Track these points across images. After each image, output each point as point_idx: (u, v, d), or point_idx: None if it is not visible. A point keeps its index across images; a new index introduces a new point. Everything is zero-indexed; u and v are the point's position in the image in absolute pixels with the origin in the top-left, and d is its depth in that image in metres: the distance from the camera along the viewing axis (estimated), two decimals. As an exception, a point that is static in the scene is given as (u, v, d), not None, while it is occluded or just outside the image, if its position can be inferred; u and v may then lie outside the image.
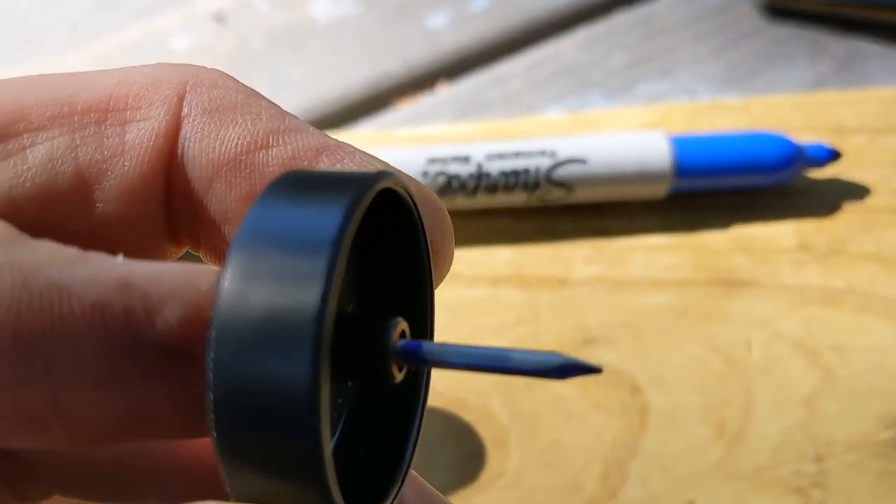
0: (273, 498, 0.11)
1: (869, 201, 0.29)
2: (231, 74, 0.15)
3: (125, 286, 0.11)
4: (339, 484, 0.11)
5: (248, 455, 0.11)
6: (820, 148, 0.29)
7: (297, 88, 0.35)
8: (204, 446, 0.15)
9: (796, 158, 0.28)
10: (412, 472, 0.15)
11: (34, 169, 0.13)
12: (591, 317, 0.26)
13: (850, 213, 0.29)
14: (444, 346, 0.13)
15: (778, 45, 0.37)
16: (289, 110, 0.15)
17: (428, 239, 0.14)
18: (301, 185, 0.12)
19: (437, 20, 0.38)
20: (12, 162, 0.13)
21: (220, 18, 0.38)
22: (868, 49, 0.36)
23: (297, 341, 0.10)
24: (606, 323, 0.26)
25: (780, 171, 0.28)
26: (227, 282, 0.11)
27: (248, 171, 0.14)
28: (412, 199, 0.13)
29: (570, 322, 0.26)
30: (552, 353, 0.12)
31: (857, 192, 0.30)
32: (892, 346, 0.26)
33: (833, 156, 0.29)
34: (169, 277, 0.11)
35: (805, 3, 0.37)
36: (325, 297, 0.10)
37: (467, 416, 0.24)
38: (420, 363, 0.13)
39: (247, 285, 0.11)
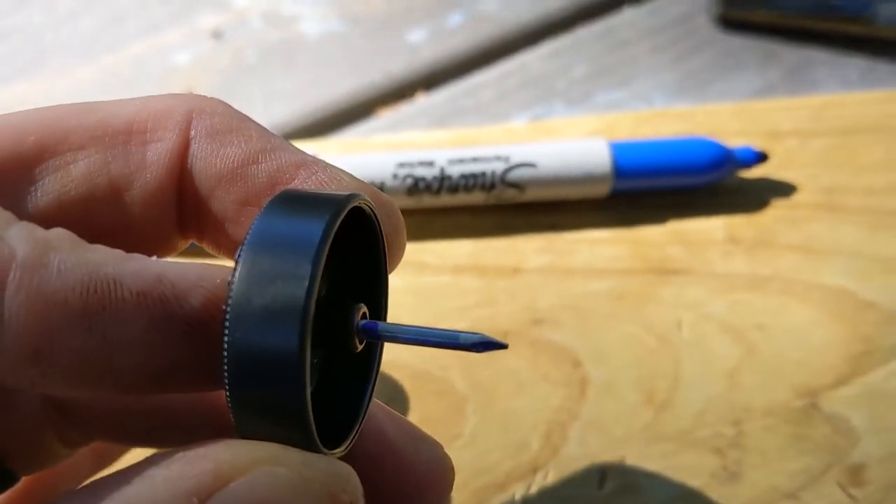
0: (269, 434, 0.15)
1: (795, 198, 0.32)
2: (225, 99, 0.18)
3: (160, 279, 0.15)
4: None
5: (252, 403, 0.14)
6: (748, 151, 0.32)
7: (287, 98, 0.38)
8: (215, 401, 0.19)
9: (726, 160, 0.31)
10: (391, 409, 0.19)
11: (76, 180, 0.17)
12: (541, 301, 0.29)
13: (778, 208, 0.32)
14: (394, 326, 0.16)
15: (731, 55, 0.39)
16: (280, 118, 0.19)
17: (384, 237, 0.18)
18: (292, 202, 0.15)
19: (416, 36, 0.41)
20: (60, 175, 0.17)
21: (217, 35, 0.41)
22: (817, 57, 0.39)
23: (290, 323, 0.14)
24: (554, 306, 0.29)
25: (710, 172, 0.31)
26: (239, 276, 0.14)
27: (242, 181, 0.18)
28: (373, 211, 0.17)
29: (523, 305, 0.29)
30: (474, 333, 0.16)
31: (784, 189, 0.33)
32: (810, 326, 0.29)
33: (761, 158, 0.32)
34: (192, 273, 0.15)
35: (758, 14, 0.40)
36: (309, 294, 0.14)
37: (431, 386, 0.27)
38: (375, 338, 0.17)
39: (253, 280, 0.14)
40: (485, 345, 0.16)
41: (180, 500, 0.13)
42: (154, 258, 0.15)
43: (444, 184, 0.30)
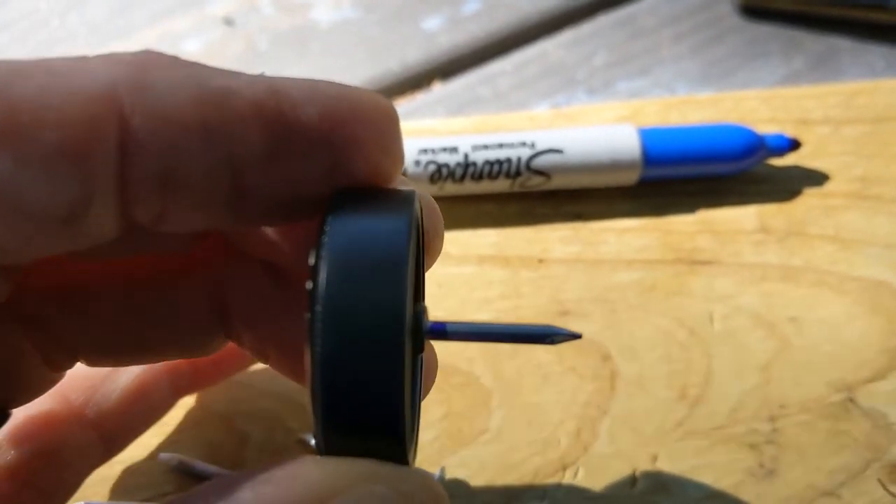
0: (357, 448, 0.14)
1: (828, 187, 0.31)
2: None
3: (274, 91, 0.14)
4: None
5: (341, 415, 0.13)
6: (781, 138, 0.31)
7: (301, 87, 0.38)
8: (204, 313, 0.18)
9: (758, 148, 0.30)
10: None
11: None
12: (567, 292, 0.28)
13: (810, 197, 0.31)
14: (461, 325, 0.16)
15: (755, 44, 0.38)
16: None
17: (423, 234, 0.17)
18: (357, 201, 0.15)
19: (432, 23, 0.40)
20: None
21: (228, 21, 0.40)
22: (841, 45, 0.38)
23: (387, 334, 0.13)
24: (581, 298, 0.28)
25: (742, 159, 0.30)
26: (325, 284, 0.13)
27: None
28: (421, 209, 0.16)
29: (548, 297, 0.28)
30: (544, 325, 0.16)
31: (816, 178, 0.32)
32: (845, 319, 0.28)
33: (793, 145, 0.31)
34: (302, 86, 0.14)
35: (780, 2, 0.39)
36: (405, 303, 0.13)
37: (455, 379, 0.26)
38: (443, 338, 0.16)
39: (341, 288, 0.13)
40: (557, 336, 0.16)
41: None
42: (263, 73, 0.15)
43: (467, 171, 0.29)
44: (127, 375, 0.21)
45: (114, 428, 0.21)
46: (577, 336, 0.16)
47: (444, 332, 0.16)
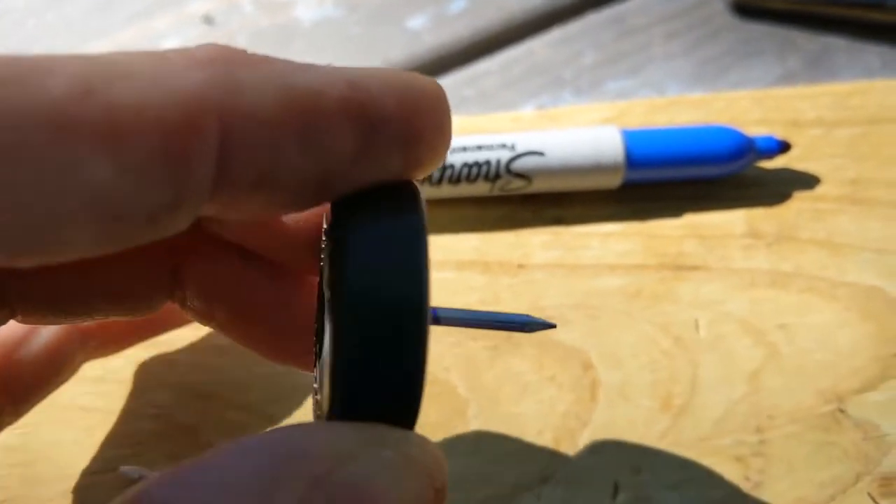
0: (368, 412, 0.14)
1: (819, 190, 0.31)
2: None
3: (354, 86, 0.14)
4: None
5: (359, 380, 0.14)
6: (770, 140, 0.30)
7: (282, 87, 0.37)
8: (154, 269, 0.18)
9: (747, 150, 0.29)
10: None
11: None
12: (548, 298, 0.28)
13: (800, 201, 0.30)
14: (451, 311, 0.17)
15: (748, 43, 0.38)
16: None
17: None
18: (362, 196, 0.15)
19: (417, 21, 0.39)
20: None
21: (208, 20, 0.39)
22: (837, 44, 0.37)
23: (410, 329, 0.14)
24: (562, 304, 0.27)
25: (730, 162, 0.29)
26: (349, 272, 0.14)
27: None
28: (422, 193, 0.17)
29: (528, 303, 0.27)
30: (522, 315, 0.18)
31: (807, 181, 0.31)
32: (836, 326, 0.27)
33: (783, 147, 0.30)
34: (374, 78, 0.15)
35: (774, 1, 0.38)
36: (427, 281, 0.14)
37: (431, 388, 0.25)
38: (435, 323, 0.17)
39: (364, 275, 0.14)
40: (532, 325, 0.17)
41: (290, 484, 0.13)
42: (333, 65, 0.15)
43: (444, 173, 0.28)
44: (38, 342, 0.21)
45: (22, 393, 0.21)
46: (551, 325, 0.18)
47: (436, 316, 0.17)
